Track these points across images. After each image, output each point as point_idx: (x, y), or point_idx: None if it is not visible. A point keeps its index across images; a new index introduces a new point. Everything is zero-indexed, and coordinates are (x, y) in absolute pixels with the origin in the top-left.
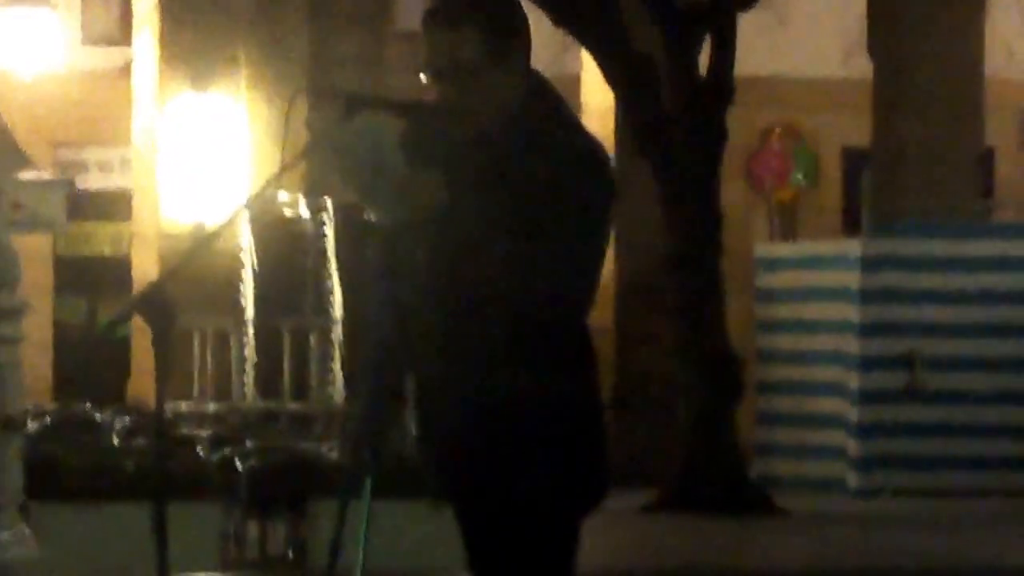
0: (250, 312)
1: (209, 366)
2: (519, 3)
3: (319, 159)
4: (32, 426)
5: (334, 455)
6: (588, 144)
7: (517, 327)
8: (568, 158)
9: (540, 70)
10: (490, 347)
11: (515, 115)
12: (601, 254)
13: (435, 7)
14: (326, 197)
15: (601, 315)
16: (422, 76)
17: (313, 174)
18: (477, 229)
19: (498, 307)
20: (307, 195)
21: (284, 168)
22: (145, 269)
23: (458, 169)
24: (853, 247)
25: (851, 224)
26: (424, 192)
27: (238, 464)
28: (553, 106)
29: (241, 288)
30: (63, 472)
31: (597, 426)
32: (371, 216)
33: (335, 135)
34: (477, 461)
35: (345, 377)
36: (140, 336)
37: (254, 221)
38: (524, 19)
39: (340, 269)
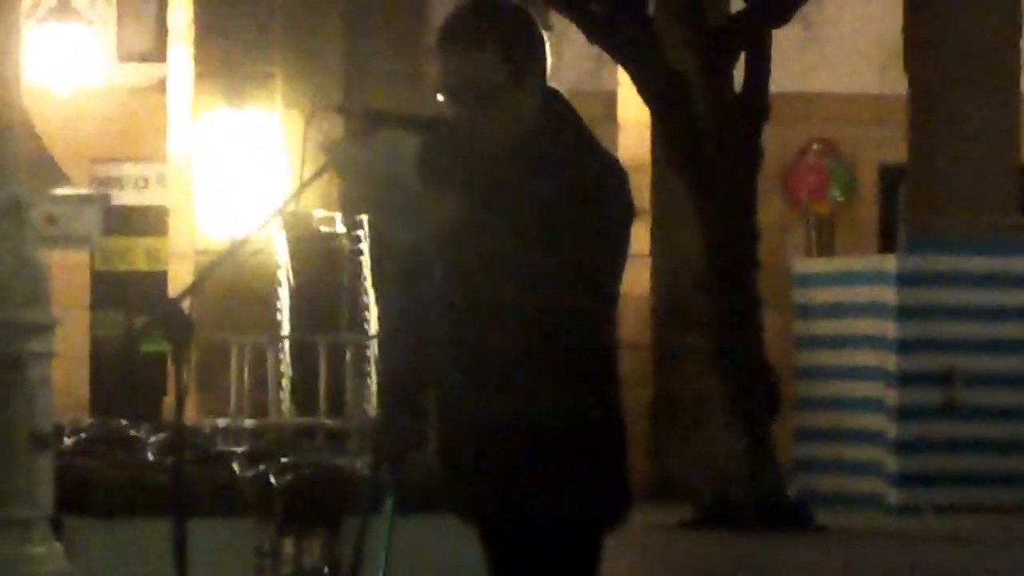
0: (286, 328)
1: (246, 382)
2: (536, 23)
3: (344, 178)
4: (68, 441)
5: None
6: (605, 162)
7: (535, 343)
8: (584, 176)
9: (574, 85)
10: (508, 363)
11: (532, 134)
12: (619, 270)
13: (452, 27)
14: (372, 215)
15: (638, 331)
16: (439, 95)
17: (348, 191)
18: (493, 247)
19: (516, 323)
20: (343, 212)
21: (302, 186)
22: (181, 284)
23: (474, 187)
24: (890, 263)
25: (888, 240)
26: (439, 210)
27: (273, 480)
28: (570, 124)
29: (277, 304)
30: (98, 488)
31: (618, 442)
32: (389, 233)
33: (351, 153)
34: (497, 476)
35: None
36: None
37: (290, 238)
38: (541, 38)
39: (376, 285)
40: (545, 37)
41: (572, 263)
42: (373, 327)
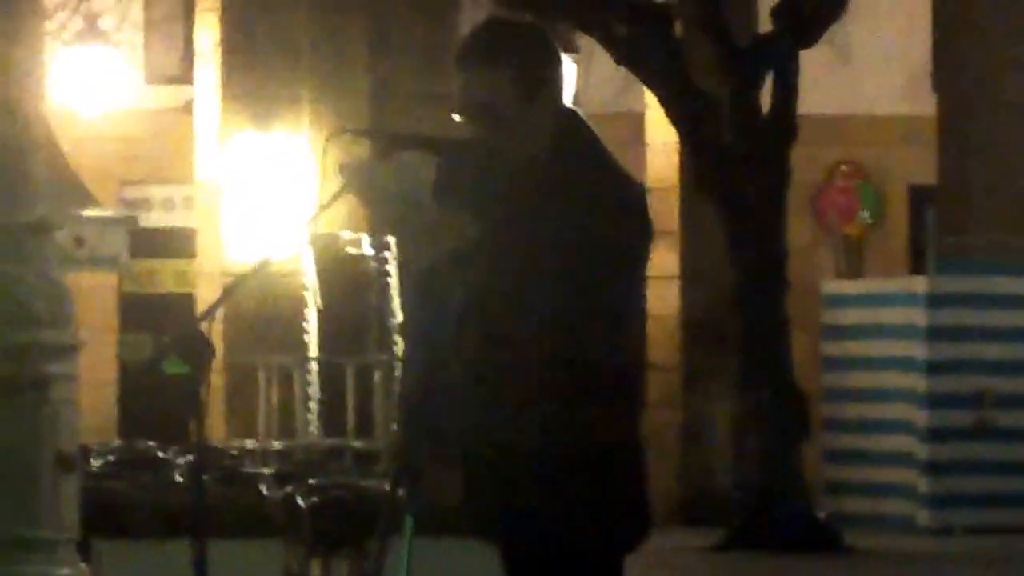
0: (314, 349)
1: (274, 404)
2: (552, 42)
3: (362, 199)
4: (96, 463)
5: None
6: (621, 181)
7: (552, 365)
8: (600, 195)
9: (601, 107)
10: (526, 385)
11: (547, 153)
12: (638, 290)
13: (467, 46)
14: (389, 235)
15: (667, 352)
16: (455, 115)
17: (368, 212)
18: (510, 268)
19: (533, 346)
20: (371, 233)
21: (320, 208)
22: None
23: (491, 208)
24: (919, 284)
25: (917, 261)
26: (453, 232)
27: (301, 502)
28: (587, 144)
29: (305, 326)
30: (126, 509)
31: (637, 464)
32: (408, 254)
33: (369, 174)
34: (515, 498)
35: None
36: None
37: (318, 259)
38: (557, 58)
39: (402, 306)
40: (562, 57)
41: (588, 285)
42: (400, 348)
